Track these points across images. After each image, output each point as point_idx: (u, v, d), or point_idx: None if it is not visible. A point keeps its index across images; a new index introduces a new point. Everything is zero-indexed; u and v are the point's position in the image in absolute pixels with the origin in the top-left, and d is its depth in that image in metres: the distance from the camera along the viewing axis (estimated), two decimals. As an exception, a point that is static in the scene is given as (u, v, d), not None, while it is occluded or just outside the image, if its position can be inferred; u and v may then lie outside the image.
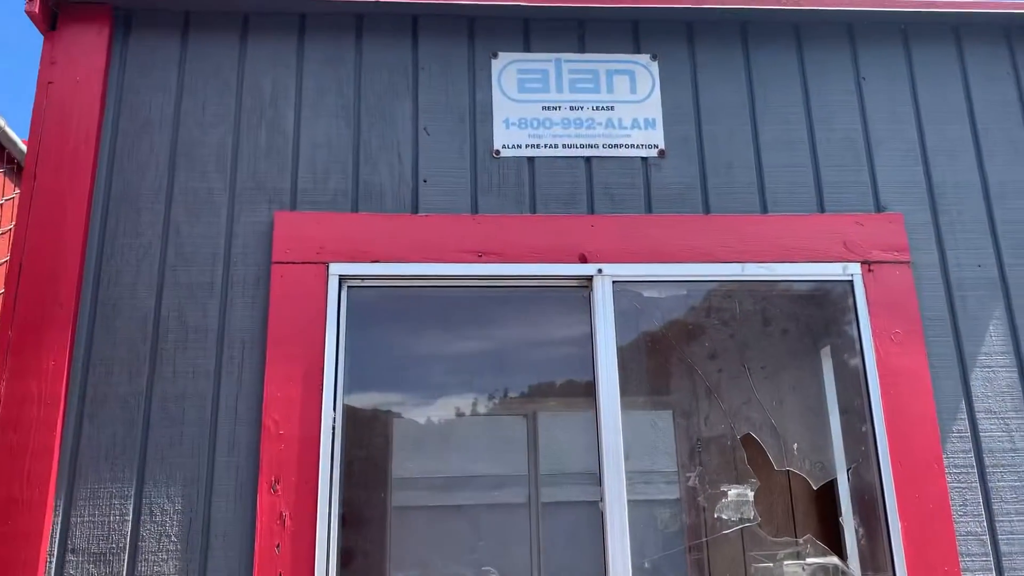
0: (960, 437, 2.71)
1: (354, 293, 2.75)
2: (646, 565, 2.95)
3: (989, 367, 2.79)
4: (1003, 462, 2.70)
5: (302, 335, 2.63)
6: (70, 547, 2.44)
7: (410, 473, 4.91)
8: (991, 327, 2.83)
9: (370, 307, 2.93)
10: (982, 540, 2.62)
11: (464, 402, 4.93)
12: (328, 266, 2.71)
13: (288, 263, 2.71)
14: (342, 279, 2.72)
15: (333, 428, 2.58)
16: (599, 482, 2.58)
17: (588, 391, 2.72)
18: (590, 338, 2.73)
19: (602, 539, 2.53)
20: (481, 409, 5.12)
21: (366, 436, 4.31)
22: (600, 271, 2.77)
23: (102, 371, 2.60)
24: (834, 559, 2.78)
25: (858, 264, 2.83)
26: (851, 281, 2.82)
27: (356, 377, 2.83)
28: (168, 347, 2.63)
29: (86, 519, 2.46)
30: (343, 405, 2.65)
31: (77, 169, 2.75)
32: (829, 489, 3.04)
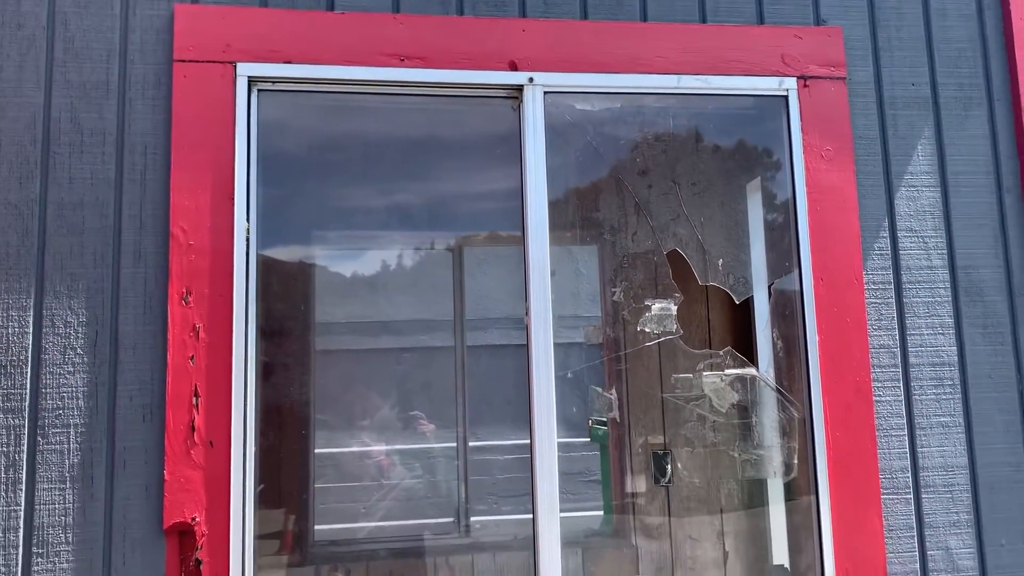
0: (881, 255, 2.75)
1: (266, 101, 2.55)
2: (569, 375, 2.99)
3: (914, 187, 2.80)
4: (919, 279, 2.76)
5: (210, 140, 2.45)
6: (-34, 360, 2.30)
7: (334, 318, 4.85)
8: (919, 147, 2.82)
9: (285, 156, 2.78)
10: (893, 352, 2.71)
11: (388, 238, 4.81)
12: (235, 66, 2.50)
13: (191, 62, 2.48)
14: (251, 81, 2.51)
15: (247, 239, 2.45)
16: (525, 296, 2.54)
17: (514, 216, 2.63)
18: (518, 152, 2.62)
19: (526, 351, 2.52)
20: (408, 246, 5.02)
21: (286, 283, 4.17)
22: (531, 80, 2.63)
23: (-12, 176, 2.38)
24: (752, 370, 2.85)
25: (794, 79, 2.75)
26: (786, 96, 2.75)
27: (273, 226, 2.70)
28: (62, 151, 2.42)
29: (-18, 331, 2.32)
30: (258, 219, 2.52)
31: (-59, -53, 2.42)
32: (745, 311, 3.07)
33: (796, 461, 2.71)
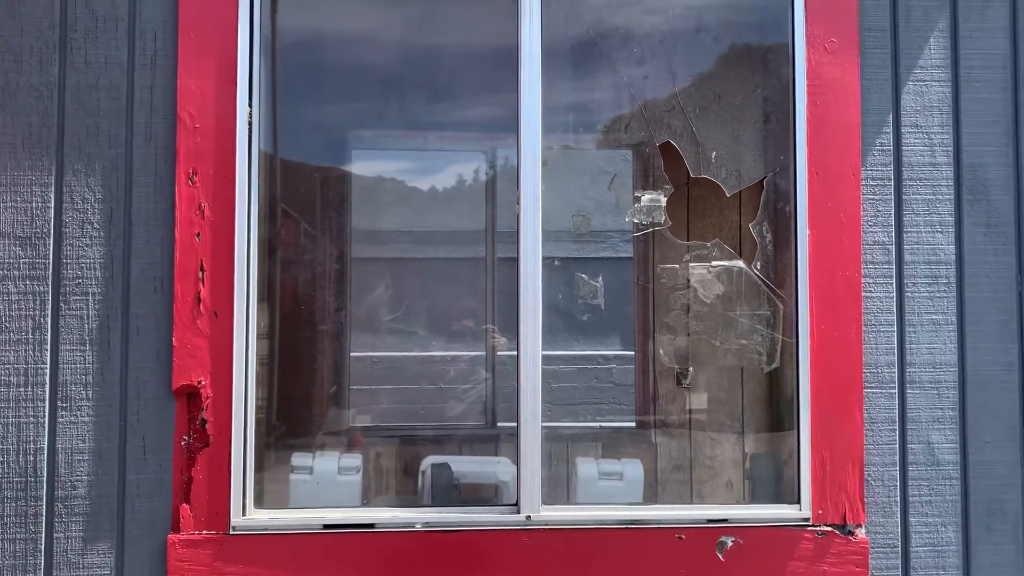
0: (882, 151, 2.71)
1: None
2: (556, 263, 3.06)
3: (923, 81, 2.73)
4: (921, 176, 2.72)
5: (215, 24, 2.55)
6: (-4, 231, 2.51)
7: (369, 227, 4.95)
8: (932, 40, 2.74)
9: (299, 44, 2.86)
10: (887, 249, 2.70)
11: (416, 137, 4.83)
12: (240, -47, 2.57)
13: (197, -51, 2.56)
14: (255, -33, 2.59)
15: (249, 123, 2.56)
16: (516, 185, 2.60)
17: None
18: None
19: (516, 239, 2.59)
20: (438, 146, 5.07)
21: (304, 177, 4.23)
22: (529, -32, 2.63)
23: (11, 60, 2.53)
24: (739, 262, 2.87)
25: (801, -33, 2.68)
26: (792, -15, 2.69)
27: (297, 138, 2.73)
28: (78, 36, 2.55)
29: (9, 205, 2.51)
30: (263, 100, 2.63)
31: None
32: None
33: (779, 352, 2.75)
